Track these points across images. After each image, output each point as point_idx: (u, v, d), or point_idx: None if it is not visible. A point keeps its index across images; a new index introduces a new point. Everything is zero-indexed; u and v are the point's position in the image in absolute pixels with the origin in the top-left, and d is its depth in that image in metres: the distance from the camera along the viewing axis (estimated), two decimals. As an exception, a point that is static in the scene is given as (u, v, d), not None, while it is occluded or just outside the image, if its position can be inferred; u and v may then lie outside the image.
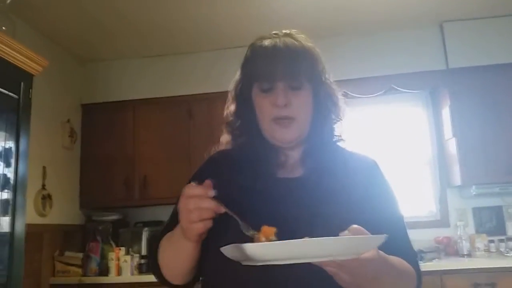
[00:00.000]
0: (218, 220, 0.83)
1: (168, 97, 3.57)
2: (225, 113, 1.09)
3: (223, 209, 0.81)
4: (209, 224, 0.81)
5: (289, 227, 0.84)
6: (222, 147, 1.09)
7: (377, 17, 3.22)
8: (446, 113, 3.34)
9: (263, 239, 0.80)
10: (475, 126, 3.16)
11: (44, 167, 3.10)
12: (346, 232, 0.76)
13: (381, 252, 0.80)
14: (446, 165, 3.45)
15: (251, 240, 0.81)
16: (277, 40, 0.99)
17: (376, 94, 3.35)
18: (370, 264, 0.75)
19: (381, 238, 0.74)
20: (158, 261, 0.97)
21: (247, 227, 0.83)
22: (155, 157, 3.50)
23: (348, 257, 0.71)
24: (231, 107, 1.08)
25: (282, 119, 0.96)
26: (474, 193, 3.15)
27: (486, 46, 3.27)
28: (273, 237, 0.80)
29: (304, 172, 0.99)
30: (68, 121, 3.45)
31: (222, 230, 0.88)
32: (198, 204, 0.80)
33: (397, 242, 0.92)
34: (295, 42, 0.99)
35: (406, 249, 0.98)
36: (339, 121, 1.04)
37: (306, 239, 0.70)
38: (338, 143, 1.05)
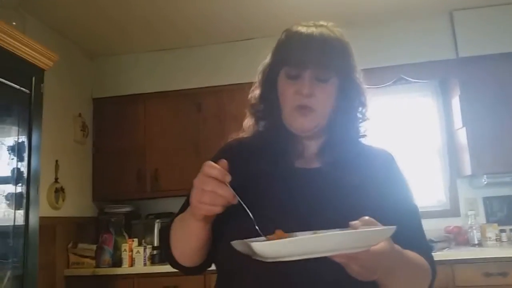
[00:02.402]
0: (233, 207, 0.81)
1: (177, 90, 3.59)
2: (249, 96, 1.08)
3: (236, 201, 0.79)
4: (218, 210, 0.79)
5: (306, 218, 0.85)
6: (244, 131, 1.09)
7: (385, 7, 3.19)
8: (456, 102, 3.31)
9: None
10: (485, 115, 3.13)
11: (56, 161, 3.14)
12: (357, 222, 0.76)
13: (396, 245, 0.80)
14: (456, 154, 3.43)
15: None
16: (314, 28, 0.97)
17: (385, 85, 3.33)
18: (382, 256, 0.75)
19: (390, 230, 0.73)
20: (170, 243, 0.97)
21: (258, 229, 0.81)
22: (166, 150, 3.52)
23: (358, 250, 0.71)
24: (256, 91, 1.07)
25: (303, 108, 0.95)
26: (485, 182, 3.13)
27: (496, 34, 3.22)
28: None
29: (322, 164, 0.99)
30: (80, 115, 3.49)
31: (236, 217, 0.87)
32: (215, 188, 0.78)
33: (412, 236, 0.92)
34: (331, 34, 0.97)
35: (420, 243, 0.97)
36: (365, 120, 1.03)
37: (314, 235, 0.70)
38: (360, 139, 1.05)
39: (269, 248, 0.69)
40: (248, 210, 0.81)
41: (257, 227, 0.81)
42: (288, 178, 0.96)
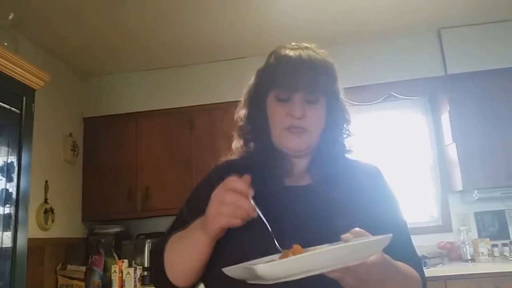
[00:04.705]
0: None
1: (169, 108, 3.59)
2: (235, 117, 1.09)
3: (256, 214, 0.79)
4: (237, 222, 0.79)
5: (298, 235, 0.85)
6: (233, 153, 1.09)
7: (375, 26, 3.25)
8: (445, 118, 3.35)
9: (291, 255, 0.78)
10: (475, 131, 3.17)
11: (46, 181, 3.10)
12: (348, 235, 0.76)
13: (385, 255, 0.80)
14: (447, 170, 3.45)
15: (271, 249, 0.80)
16: (301, 51, 0.99)
17: (375, 102, 3.37)
18: (376, 266, 0.75)
19: (387, 238, 0.74)
20: (164, 261, 0.94)
21: (279, 239, 0.81)
22: (157, 169, 3.50)
23: (358, 261, 0.71)
24: (243, 111, 1.08)
25: (295, 128, 0.97)
26: (476, 197, 3.15)
27: (483, 52, 3.29)
28: None
29: (312, 181, 1.00)
30: (70, 135, 3.47)
31: (238, 235, 0.86)
32: (237, 200, 0.78)
33: (401, 248, 0.92)
34: (318, 56, 1.00)
35: (410, 255, 0.98)
36: (350, 136, 1.06)
37: (316, 252, 0.69)
38: (346, 155, 1.06)
39: (272, 269, 0.68)
40: (267, 225, 0.81)
41: (276, 242, 0.81)
42: (279, 196, 0.96)
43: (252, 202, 0.79)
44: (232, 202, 0.78)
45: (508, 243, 3.20)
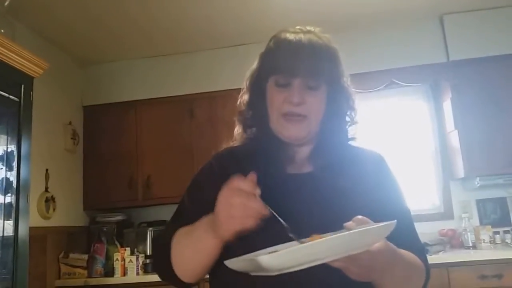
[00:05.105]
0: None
1: (169, 96, 3.57)
2: (238, 102, 1.07)
3: (267, 211, 0.77)
4: (251, 223, 0.76)
5: (301, 222, 0.84)
6: (235, 140, 1.08)
7: (376, 11, 3.20)
8: (447, 105, 3.33)
9: None
10: (477, 118, 3.15)
11: (47, 170, 3.10)
12: (351, 223, 0.75)
13: (389, 243, 0.80)
14: (449, 157, 3.44)
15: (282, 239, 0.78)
16: (302, 35, 0.96)
17: (377, 89, 3.34)
18: (381, 254, 0.75)
19: (391, 225, 0.73)
20: (170, 257, 0.92)
21: (294, 233, 0.79)
22: (158, 157, 3.50)
23: (362, 249, 0.70)
24: (244, 97, 1.06)
25: (293, 116, 0.94)
26: (478, 185, 3.14)
27: (486, 38, 3.25)
28: None
29: (314, 168, 0.98)
30: (70, 123, 3.45)
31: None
32: (244, 200, 0.75)
33: (404, 236, 0.92)
34: (319, 41, 0.97)
35: (414, 243, 0.97)
36: (354, 124, 1.04)
37: (319, 240, 0.68)
38: (349, 142, 1.05)
39: (277, 260, 0.66)
40: (282, 220, 0.79)
41: (291, 235, 0.79)
42: (281, 184, 0.95)
43: (260, 200, 0.76)
44: (240, 203, 0.75)
45: (509, 230, 3.20)
